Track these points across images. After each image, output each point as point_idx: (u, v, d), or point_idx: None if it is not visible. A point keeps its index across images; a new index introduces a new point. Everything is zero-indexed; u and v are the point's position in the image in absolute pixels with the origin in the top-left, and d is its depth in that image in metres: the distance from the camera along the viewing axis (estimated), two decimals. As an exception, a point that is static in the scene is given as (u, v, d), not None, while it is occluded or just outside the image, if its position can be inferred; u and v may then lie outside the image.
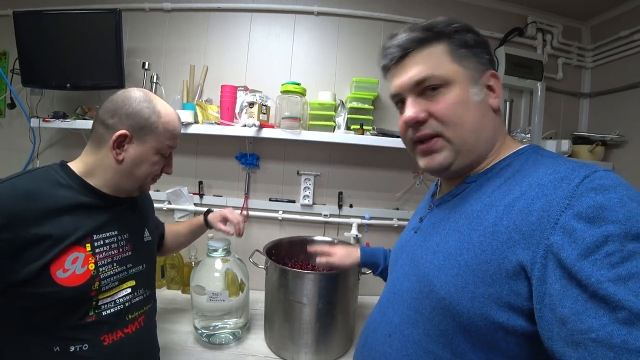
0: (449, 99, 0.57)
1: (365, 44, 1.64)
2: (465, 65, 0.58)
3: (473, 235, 0.53)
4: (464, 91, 0.57)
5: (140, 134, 0.78)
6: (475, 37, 0.60)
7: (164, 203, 1.65)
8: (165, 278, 1.62)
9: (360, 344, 0.73)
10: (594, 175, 0.44)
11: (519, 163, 0.57)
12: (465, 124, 0.57)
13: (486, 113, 0.59)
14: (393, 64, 0.63)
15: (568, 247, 0.41)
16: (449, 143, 0.59)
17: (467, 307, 0.50)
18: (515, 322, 0.46)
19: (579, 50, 1.76)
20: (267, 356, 1.16)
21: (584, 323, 0.38)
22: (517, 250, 0.46)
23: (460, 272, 0.52)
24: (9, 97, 1.69)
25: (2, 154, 1.73)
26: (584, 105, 1.80)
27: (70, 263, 0.71)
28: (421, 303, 0.58)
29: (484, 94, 0.59)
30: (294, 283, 1.12)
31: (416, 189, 1.67)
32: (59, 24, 1.46)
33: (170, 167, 0.89)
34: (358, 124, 1.47)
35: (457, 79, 0.57)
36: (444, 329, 0.54)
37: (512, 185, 0.53)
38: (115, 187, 0.82)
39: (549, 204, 0.45)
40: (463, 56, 0.58)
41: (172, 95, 1.58)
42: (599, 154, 1.62)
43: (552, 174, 0.48)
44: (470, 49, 0.59)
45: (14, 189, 0.69)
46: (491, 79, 0.60)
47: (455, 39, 0.58)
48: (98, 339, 0.74)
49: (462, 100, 0.57)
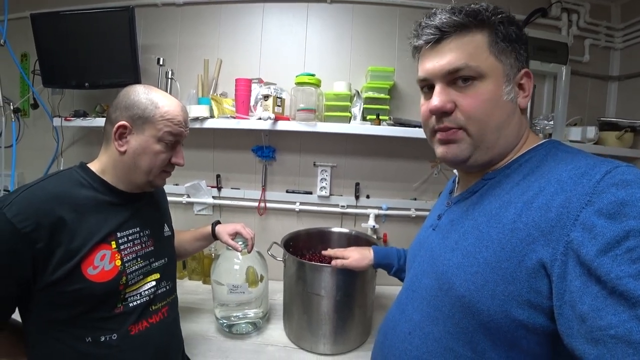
0: (480, 94, 0.55)
1: (380, 31, 1.60)
2: (503, 61, 0.55)
3: (492, 232, 0.52)
4: (497, 88, 0.55)
5: (138, 124, 0.79)
6: (518, 31, 0.57)
7: (182, 197, 1.68)
8: (186, 269, 1.66)
9: (379, 341, 0.74)
10: (616, 170, 0.43)
11: (537, 159, 0.56)
12: (490, 121, 0.56)
13: (513, 112, 0.57)
14: (427, 46, 0.59)
15: (588, 244, 0.40)
16: (469, 137, 0.57)
17: (487, 305, 0.49)
18: (535, 320, 0.46)
19: (607, 31, 1.66)
20: (286, 346, 1.19)
21: (603, 319, 0.37)
22: (537, 247, 0.45)
23: (479, 270, 0.51)
24: (32, 98, 1.74)
25: (29, 152, 1.79)
26: (612, 89, 1.70)
27: (99, 260, 0.74)
28: (441, 301, 0.58)
29: (514, 93, 0.57)
30: (312, 276, 1.13)
31: (434, 179, 1.64)
32: (74, 24, 1.49)
33: (180, 158, 0.86)
34: (374, 114, 1.45)
35: (493, 73, 0.55)
36: (464, 326, 0.53)
37: (530, 181, 0.52)
38: (127, 183, 0.83)
39: (569, 200, 0.44)
40: (503, 50, 0.55)
41: (187, 90, 1.59)
42: (627, 141, 1.54)
43: (571, 170, 0.47)
44: (511, 43, 0.56)
45: (44, 192, 0.72)
46: (524, 77, 0.58)
47: (498, 31, 0.55)
48: (126, 329, 0.78)
49: (493, 98, 0.55)
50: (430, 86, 0.60)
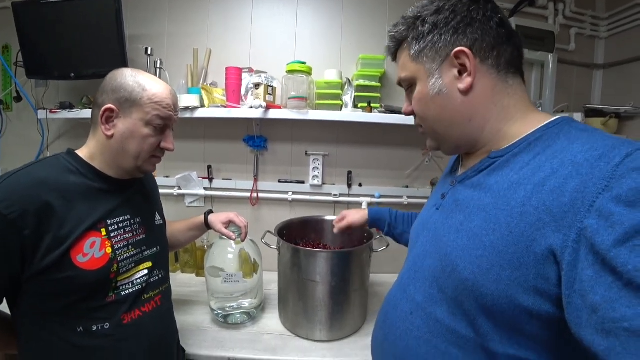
0: (415, 97, 0.63)
1: (370, 19, 1.60)
2: (421, 61, 0.60)
3: (500, 215, 0.50)
4: (423, 87, 0.61)
5: (125, 107, 0.77)
6: (434, 18, 0.57)
7: (174, 189, 1.66)
8: (179, 262, 1.65)
9: (380, 320, 0.73)
10: (637, 153, 0.40)
11: (550, 137, 0.52)
12: (428, 117, 0.63)
13: (447, 102, 0.59)
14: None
15: (604, 232, 0.38)
16: (427, 132, 0.66)
17: (491, 290, 0.48)
18: (541, 307, 0.45)
19: (592, 20, 1.69)
20: (282, 334, 1.19)
21: (617, 312, 0.36)
22: (547, 232, 0.43)
23: (485, 254, 0.50)
24: (15, 91, 1.69)
25: (14, 147, 1.75)
26: (597, 77, 1.74)
27: (88, 247, 0.73)
28: (444, 282, 0.57)
29: (445, 82, 0.58)
30: (307, 262, 1.12)
31: (425, 166, 1.65)
32: (58, 13, 1.44)
33: (169, 143, 0.84)
34: (365, 101, 1.45)
35: (418, 76, 0.61)
36: (467, 308, 0.53)
37: (542, 161, 0.49)
38: (116, 168, 0.81)
39: (584, 184, 0.41)
40: (419, 52, 0.60)
41: (177, 80, 1.56)
42: (612, 127, 1.58)
43: (588, 151, 0.44)
44: (424, 39, 0.59)
45: (29, 177, 0.70)
46: (461, 56, 0.56)
47: (411, 38, 0.60)
48: (118, 318, 0.76)
49: (422, 97, 0.61)
50: None
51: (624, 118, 1.59)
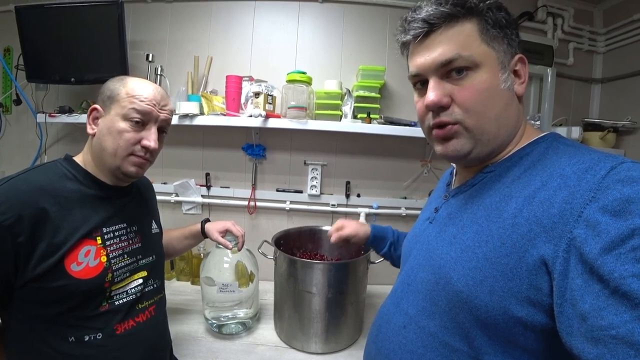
0: (476, 85, 0.53)
1: (371, 31, 1.61)
2: (495, 48, 0.54)
3: (492, 227, 0.51)
4: (493, 76, 0.53)
5: (107, 105, 0.78)
6: (507, 16, 0.55)
7: (171, 196, 1.65)
8: (174, 270, 1.63)
9: (373, 334, 0.73)
10: (621, 166, 0.42)
11: (539, 152, 0.54)
12: (488, 113, 0.54)
13: (511, 101, 0.56)
14: (416, 41, 0.57)
15: (591, 241, 0.39)
16: (468, 131, 0.55)
17: (485, 301, 0.48)
18: (534, 317, 0.45)
19: (590, 35, 1.71)
20: (277, 345, 1.17)
21: (605, 319, 0.36)
22: (538, 243, 0.44)
23: (478, 265, 0.50)
24: (15, 94, 1.69)
25: (11, 150, 1.74)
26: (595, 91, 1.76)
27: (83, 256, 0.72)
28: (437, 295, 0.57)
29: (511, 80, 0.55)
30: (303, 273, 1.12)
31: (424, 177, 1.65)
32: (61, 18, 1.45)
33: (151, 141, 0.78)
34: (365, 112, 1.46)
35: (487, 62, 0.53)
36: (461, 321, 0.52)
37: (532, 175, 0.51)
38: (106, 172, 0.80)
39: (572, 195, 0.43)
40: (494, 37, 0.53)
41: (177, 87, 1.56)
42: (610, 141, 1.59)
43: (575, 165, 0.46)
44: (502, 29, 0.54)
45: (27, 183, 0.69)
46: (519, 63, 0.56)
47: (487, 17, 0.53)
48: (111, 328, 0.75)
49: (490, 87, 0.53)
50: (423, 82, 0.58)
51: (622, 132, 1.60)
